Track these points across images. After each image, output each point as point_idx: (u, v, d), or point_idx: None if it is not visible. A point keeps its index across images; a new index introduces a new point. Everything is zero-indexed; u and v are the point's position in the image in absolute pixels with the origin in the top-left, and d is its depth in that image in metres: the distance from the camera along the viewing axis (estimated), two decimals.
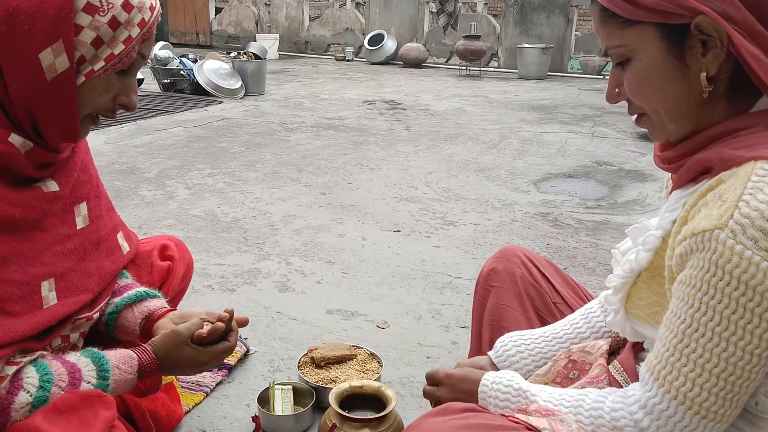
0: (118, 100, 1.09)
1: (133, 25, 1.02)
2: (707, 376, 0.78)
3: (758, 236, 0.72)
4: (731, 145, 0.81)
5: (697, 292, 0.77)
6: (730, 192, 0.76)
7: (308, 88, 7.45)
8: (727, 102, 0.85)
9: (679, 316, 0.80)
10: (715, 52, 0.81)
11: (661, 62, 0.84)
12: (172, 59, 6.88)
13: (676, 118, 0.87)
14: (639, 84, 0.87)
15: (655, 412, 0.82)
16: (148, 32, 1.05)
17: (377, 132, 5.04)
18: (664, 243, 0.88)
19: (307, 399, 1.56)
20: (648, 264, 0.90)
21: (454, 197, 3.40)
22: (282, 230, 2.87)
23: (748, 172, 0.76)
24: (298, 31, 12.04)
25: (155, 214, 3.06)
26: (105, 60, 1.00)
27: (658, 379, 0.82)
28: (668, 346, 0.81)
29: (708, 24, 0.80)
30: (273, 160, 4.11)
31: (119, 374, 1.09)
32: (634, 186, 3.65)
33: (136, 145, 4.45)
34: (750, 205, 0.73)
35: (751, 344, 0.75)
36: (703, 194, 0.80)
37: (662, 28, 0.83)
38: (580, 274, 2.42)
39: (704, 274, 0.76)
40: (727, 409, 0.79)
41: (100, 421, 1.01)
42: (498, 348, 1.16)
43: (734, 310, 0.75)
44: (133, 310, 1.26)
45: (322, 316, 2.09)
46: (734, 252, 0.73)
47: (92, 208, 1.21)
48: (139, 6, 1.03)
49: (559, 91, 7.54)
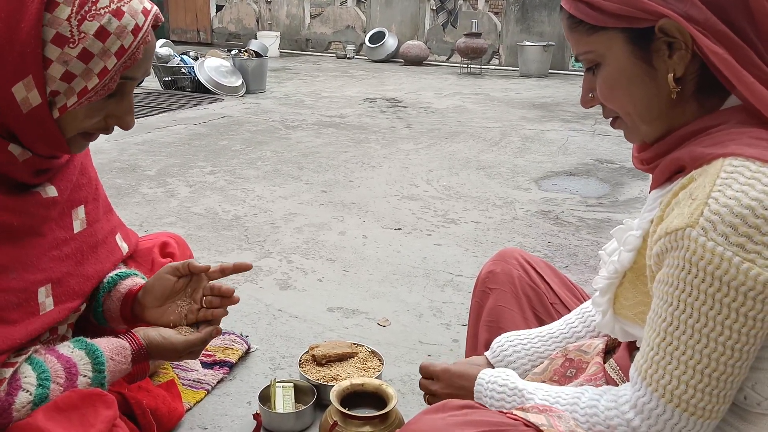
0: (110, 121, 1.04)
1: (110, 54, 0.95)
2: (692, 373, 0.79)
3: (728, 232, 0.73)
4: (702, 144, 0.82)
5: (674, 290, 0.78)
6: (700, 190, 0.77)
7: (309, 85, 7.45)
8: (697, 102, 0.86)
9: (660, 314, 0.81)
10: (681, 54, 0.82)
11: (628, 66, 0.86)
12: (172, 57, 6.88)
13: (648, 120, 0.88)
14: (609, 88, 0.89)
15: (645, 412, 0.83)
16: (131, 58, 0.98)
17: (378, 130, 5.03)
18: (644, 243, 0.89)
19: (308, 397, 1.56)
20: (631, 264, 0.91)
21: (455, 195, 3.40)
22: (283, 228, 2.88)
23: (717, 169, 0.77)
24: (299, 29, 12.03)
25: (156, 211, 3.06)
26: (78, 95, 0.95)
27: (645, 378, 0.83)
28: (652, 345, 0.82)
29: (671, 26, 0.81)
30: (274, 158, 4.11)
31: (114, 365, 1.10)
32: (635, 184, 3.65)
33: (137, 142, 4.45)
34: (719, 201, 0.74)
35: (730, 339, 0.76)
36: (676, 193, 0.82)
37: (628, 33, 0.84)
38: (582, 272, 2.42)
39: (680, 272, 0.77)
40: (714, 405, 0.80)
41: (101, 420, 1.02)
42: (495, 348, 1.16)
43: (711, 306, 0.76)
44: (112, 298, 1.25)
45: (323, 314, 2.09)
46: (706, 249, 0.74)
47: (90, 212, 1.20)
48: (118, 32, 0.95)
49: (560, 88, 7.53)
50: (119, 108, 1.03)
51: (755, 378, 0.81)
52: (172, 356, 1.20)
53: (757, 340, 0.77)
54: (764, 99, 0.79)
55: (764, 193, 0.73)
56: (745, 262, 0.73)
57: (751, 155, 0.77)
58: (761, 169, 0.75)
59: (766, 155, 0.76)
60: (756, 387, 0.82)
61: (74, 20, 0.93)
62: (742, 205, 0.73)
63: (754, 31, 0.81)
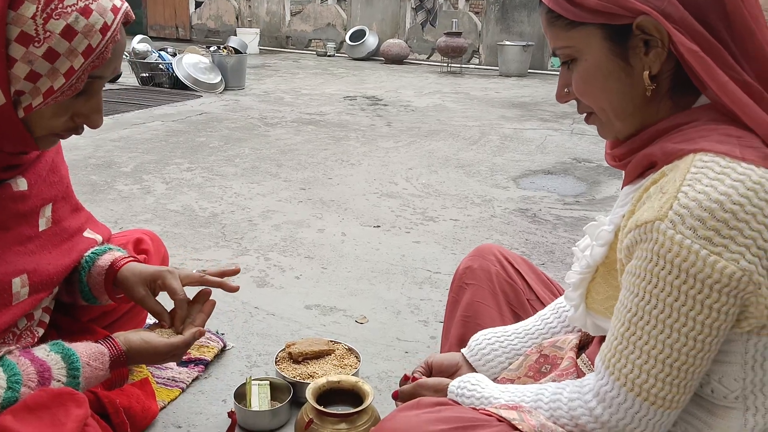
0: (78, 121, 1.02)
1: (77, 54, 0.93)
2: (653, 362, 0.80)
3: (697, 225, 0.74)
4: (674, 140, 0.84)
5: (641, 281, 0.80)
6: (670, 184, 0.78)
7: (289, 83, 7.42)
8: (671, 100, 0.88)
9: (626, 305, 0.82)
10: (657, 51, 0.84)
11: (605, 62, 0.87)
12: (150, 53, 6.80)
13: (623, 116, 0.90)
14: (585, 84, 0.90)
15: (607, 400, 0.84)
16: (99, 58, 0.95)
17: (358, 127, 5.03)
18: (616, 238, 0.90)
19: (284, 394, 1.55)
20: (603, 259, 0.93)
21: (434, 193, 3.41)
22: (261, 225, 2.86)
23: (688, 164, 0.78)
24: (279, 26, 11.97)
25: (132, 208, 3.02)
26: (44, 95, 0.93)
27: (609, 368, 0.84)
28: (617, 335, 0.84)
29: (649, 24, 0.82)
30: (252, 155, 4.08)
31: (90, 371, 1.08)
32: (612, 182, 3.68)
33: (113, 139, 4.39)
34: (688, 195, 0.75)
35: (694, 330, 0.77)
36: (647, 188, 0.83)
37: (606, 29, 0.86)
38: (558, 270, 2.44)
39: (647, 264, 0.78)
40: (675, 395, 0.81)
41: (72, 419, 1.00)
42: (472, 347, 1.17)
43: (676, 298, 0.77)
44: (92, 274, 1.24)
45: (301, 312, 2.08)
46: (674, 241, 0.75)
47: (57, 210, 1.18)
48: (86, 31, 0.93)
49: (539, 88, 7.58)
50: (87, 107, 1.01)
51: (721, 371, 0.83)
52: (155, 360, 1.18)
53: (720, 333, 0.78)
54: (737, 98, 0.81)
55: (732, 188, 0.75)
56: (712, 255, 0.74)
57: (720, 151, 0.78)
58: (730, 164, 0.76)
59: (735, 151, 0.78)
60: (722, 380, 0.83)
61: (39, 18, 0.90)
62: (711, 199, 0.74)
63: (729, 33, 0.82)
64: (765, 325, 0.79)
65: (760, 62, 0.82)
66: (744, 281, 0.74)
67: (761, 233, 0.74)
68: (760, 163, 0.77)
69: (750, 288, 0.75)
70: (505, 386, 0.97)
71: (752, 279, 0.74)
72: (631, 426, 0.83)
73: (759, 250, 0.74)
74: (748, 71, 0.82)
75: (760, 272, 0.75)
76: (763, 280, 0.75)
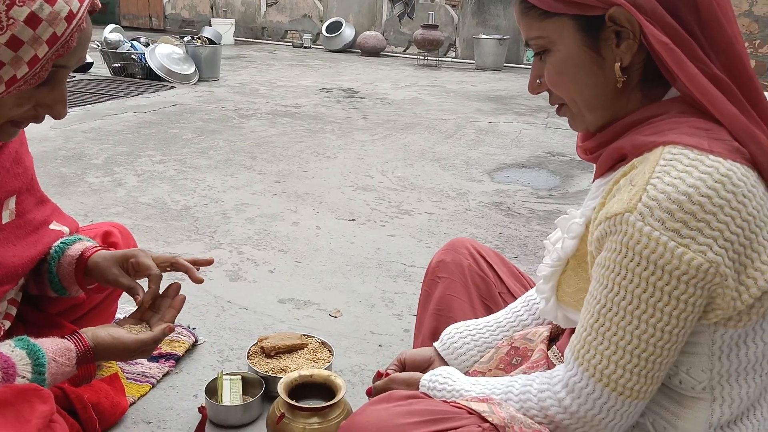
0: (40, 110, 1.00)
1: (41, 42, 0.90)
2: (622, 353, 0.81)
3: (665, 217, 0.75)
4: (643, 132, 0.84)
5: (610, 273, 0.80)
6: (639, 176, 0.79)
7: (264, 74, 7.35)
8: (641, 92, 0.89)
9: (595, 297, 0.83)
10: (629, 43, 0.84)
11: (577, 53, 0.87)
12: (122, 43, 6.68)
13: (594, 108, 0.90)
14: (557, 75, 0.90)
15: (576, 391, 0.85)
16: (64, 46, 0.93)
17: (334, 120, 5.00)
18: (587, 230, 0.91)
19: (256, 389, 1.54)
20: (574, 251, 0.93)
21: (409, 186, 3.41)
22: (234, 219, 2.83)
23: (657, 156, 0.79)
24: (254, 17, 11.84)
25: (102, 201, 2.97)
26: (6, 84, 0.91)
27: (578, 359, 0.85)
28: (586, 326, 0.84)
29: (621, 15, 0.83)
30: (226, 148, 4.04)
31: (56, 367, 1.05)
32: (585, 176, 3.72)
33: (84, 130, 4.31)
34: (657, 187, 0.76)
35: (661, 321, 0.78)
36: (617, 180, 0.83)
37: (578, 20, 0.86)
38: (531, 263, 2.46)
39: (617, 256, 0.79)
40: (643, 386, 0.82)
41: (37, 415, 0.98)
42: (444, 340, 1.17)
43: (644, 289, 0.78)
44: (62, 264, 1.23)
45: (274, 306, 2.07)
46: (643, 233, 0.76)
47: (21, 202, 1.16)
48: (50, 19, 0.90)
49: (514, 82, 7.61)
50: (51, 97, 0.99)
51: (689, 362, 0.84)
52: (123, 356, 1.17)
53: (687, 324, 0.79)
54: (706, 91, 0.81)
55: (700, 180, 0.75)
56: (679, 247, 0.75)
57: (689, 144, 0.78)
58: (699, 157, 0.77)
59: (703, 144, 0.78)
60: (690, 371, 0.84)
61: (2, 5, 0.88)
62: (679, 191, 0.75)
63: (699, 26, 0.83)
64: (731, 317, 0.80)
65: (729, 55, 0.83)
66: (711, 273, 0.75)
67: (728, 225, 0.75)
68: (727, 155, 0.78)
69: (717, 279, 0.76)
70: (476, 379, 0.97)
71: (719, 271, 0.75)
72: (599, 416, 0.84)
73: (725, 242, 0.75)
74: (717, 64, 0.83)
75: (726, 264, 0.76)
76: (729, 272, 0.76)
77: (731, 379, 0.84)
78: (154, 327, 1.18)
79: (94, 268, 1.22)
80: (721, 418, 0.85)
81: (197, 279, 1.23)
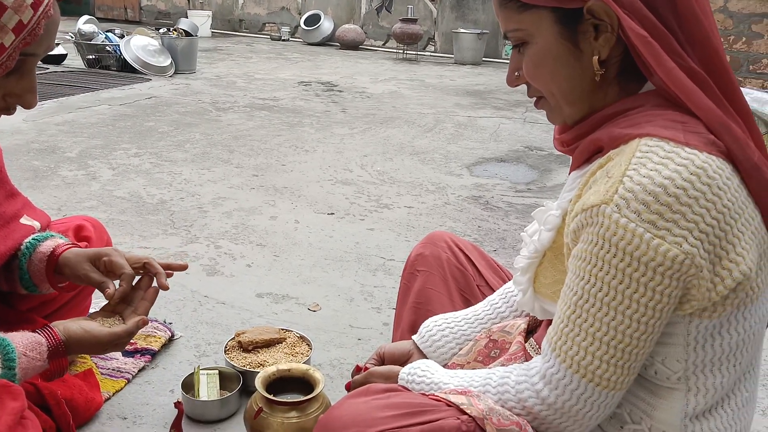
0: (9, 101, 0.98)
1: (7, 30, 0.88)
2: (598, 344, 0.81)
3: (641, 209, 0.75)
4: (620, 125, 0.85)
5: (587, 265, 0.81)
6: (615, 168, 0.79)
7: (242, 67, 7.28)
8: (618, 85, 0.89)
9: (572, 288, 0.83)
10: (606, 36, 0.85)
11: (555, 46, 0.87)
12: (97, 34, 6.55)
13: (571, 101, 0.90)
14: (535, 67, 0.90)
15: (553, 382, 0.85)
16: (31, 34, 0.91)
17: (313, 113, 4.97)
18: (564, 222, 0.91)
19: (233, 384, 1.53)
20: (550, 243, 0.94)
21: (388, 180, 3.40)
22: (211, 212, 2.80)
23: (633, 148, 0.79)
24: (231, 9, 11.71)
25: (76, 195, 2.92)
26: None
27: (555, 350, 0.85)
28: (563, 318, 0.85)
29: (599, 8, 0.83)
30: (203, 141, 3.99)
31: (27, 361, 1.03)
32: (562, 170, 3.74)
33: (58, 123, 4.23)
34: (633, 179, 0.76)
35: (638, 312, 0.79)
36: (593, 172, 0.84)
37: (557, 13, 0.86)
38: (510, 256, 2.47)
39: (593, 248, 0.79)
40: (619, 376, 0.82)
41: (8, 412, 0.96)
42: (423, 333, 1.17)
43: (621, 281, 0.78)
44: (33, 261, 1.21)
45: (252, 300, 2.05)
46: (619, 225, 0.76)
47: None
48: (16, 6, 0.88)
49: (493, 76, 7.63)
50: (20, 86, 0.96)
51: (664, 353, 0.85)
52: (96, 350, 1.14)
53: (663, 315, 0.80)
54: (682, 84, 0.82)
55: (676, 172, 0.76)
56: (655, 239, 0.75)
57: (665, 136, 0.79)
58: (674, 149, 0.78)
59: (679, 136, 0.79)
60: (665, 362, 0.85)
61: None
62: (655, 183, 0.75)
63: (676, 20, 0.83)
64: (706, 308, 0.81)
65: (706, 49, 0.84)
66: (686, 264, 0.76)
67: (703, 217, 0.76)
68: (703, 148, 0.78)
69: (692, 271, 0.76)
70: (455, 371, 0.97)
71: (694, 262, 0.76)
72: (576, 407, 0.84)
73: (701, 234, 0.76)
74: (694, 58, 0.83)
75: (701, 255, 0.76)
76: (704, 264, 0.77)
77: (706, 369, 0.84)
78: (128, 320, 1.16)
79: (65, 264, 1.20)
80: (696, 407, 0.86)
81: (164, 286, 1.21)
